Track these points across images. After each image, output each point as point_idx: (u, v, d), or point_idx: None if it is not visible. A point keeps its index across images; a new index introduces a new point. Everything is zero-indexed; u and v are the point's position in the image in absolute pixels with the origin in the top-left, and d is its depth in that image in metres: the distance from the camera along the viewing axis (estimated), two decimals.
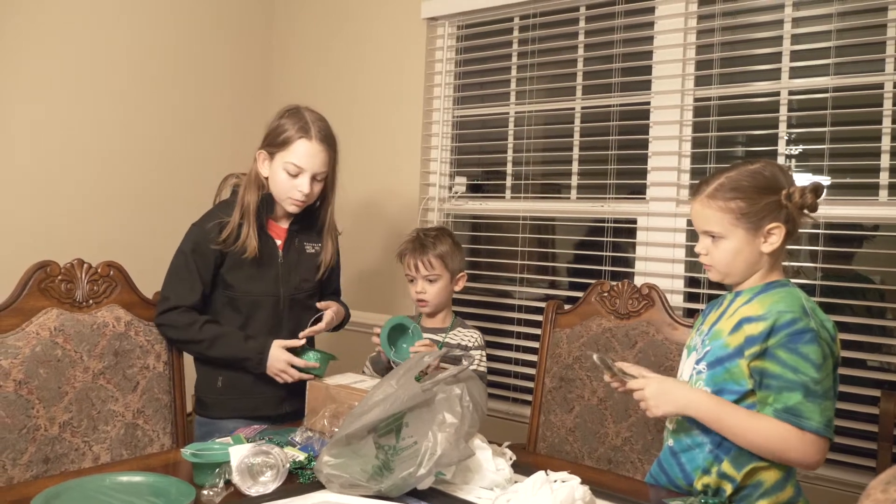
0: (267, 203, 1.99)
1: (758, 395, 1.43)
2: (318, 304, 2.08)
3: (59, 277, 1.80)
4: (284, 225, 2.05)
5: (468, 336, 2.21)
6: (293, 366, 1.93)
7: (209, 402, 2.01)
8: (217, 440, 1.63)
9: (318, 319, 2.05)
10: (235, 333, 1.95)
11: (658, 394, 1.47)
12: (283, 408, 2.01)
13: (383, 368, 2.13)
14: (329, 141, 1.98)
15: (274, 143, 1.95)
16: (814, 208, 1.45)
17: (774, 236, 1.46)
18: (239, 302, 1.98)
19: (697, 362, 1.53)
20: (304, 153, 1.93)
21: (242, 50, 3.36)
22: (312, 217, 2.10)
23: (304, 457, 1.55)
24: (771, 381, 1.40)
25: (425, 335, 2.19)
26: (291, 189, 1.95)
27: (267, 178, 1.98)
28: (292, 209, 1.99)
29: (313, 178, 1.95)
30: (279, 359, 1.92)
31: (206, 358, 1.98)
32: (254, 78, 3.40)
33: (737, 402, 1.45)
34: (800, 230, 1.52)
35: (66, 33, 2.74)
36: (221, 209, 1.99)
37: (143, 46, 2.97)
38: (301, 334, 1.99)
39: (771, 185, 1.45)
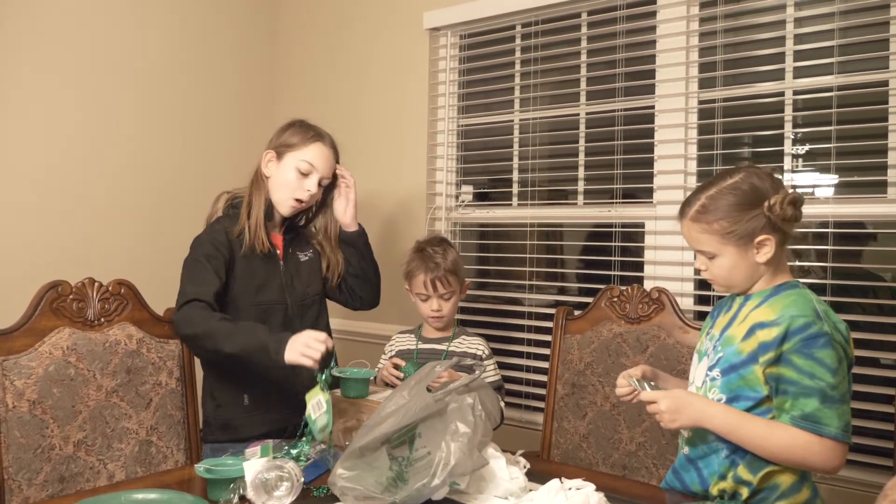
0: (269, 207, 2.03)
1: (774, 402, 1.42)
2: None
3: (71, 297, 1.81)
4: (279, 234, 2.09)
5: (474, 344, 2.21)
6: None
7: (239, 423, 1.97)
8: (230, 455, 1.63)
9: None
10: (249, 326, 1.82)
11: (674, 408, 1.46)
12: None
13: None
14: (336, 150, 2.08)
15: (286, 143, 2.01)
16: (796, 219, 1.44)
17: (766, 247, 1.45)
18: (250, 313, 1.97)
19: (710, 369, 1.52)
20: (320, 154, 2.01)
21: (247, 65, 3.37)
22: (298, 227, 2.15)
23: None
24: (787, 387, 1.39)
25: (429, 345, 2.20)
26: (298, 189, 1.99)
27: (268, 179, 2.02)
28: (289, 212, 2.03)
29: (319, 182, 2.01)
30: (299, 338, 1.71)
31: (218, 355, 1.82)
32: (259, 93, 3.42)
33: (753, 408, 1.44)
34: (802, 230, 1.51)
35: (73, 51, 2.76)
36: (221, 222, 2.01)
37: (151, 63, 2.99)
38: None
39: (751, 200, 1.44)
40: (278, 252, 2.05)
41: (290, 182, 1.99)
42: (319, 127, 2.07)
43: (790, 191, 1.46)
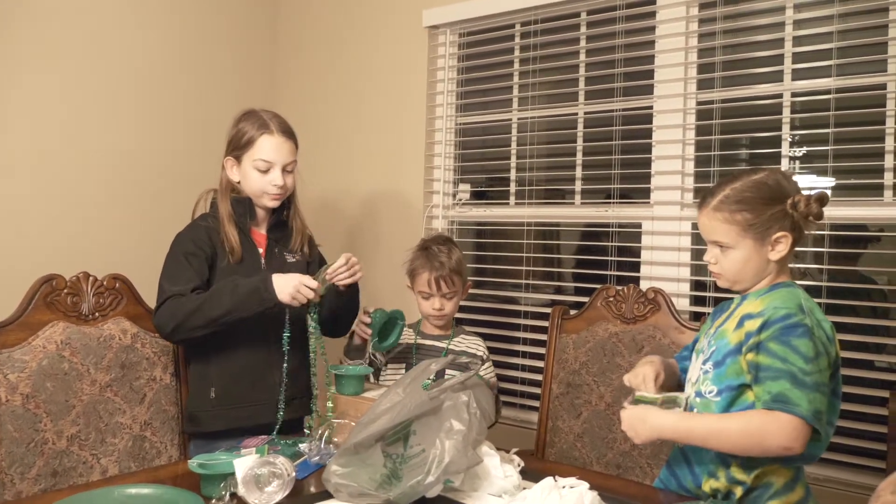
0: (247, 207, 2.02)
1: (754, 390, 1.43)
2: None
3: (65, 291, 1.81)
4: (264, 231, 2.07)
5: (473, 344, 2.21)
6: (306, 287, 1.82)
7: (204, 417, 1.94)
8: (224, 451, 1.63)
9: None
10: (228, 282, 1.86)
11: (628, 427, 1.49)
12: (278, 416, 1.98)
13: (354, 350, 2.15)
14: (289, 133, 2.03)
15: (238, 146, 2.00)
16: (819, 217, 1.46)
17: (782, 244, 1.47)
18: None
19: (704, 362, 1.53)
20: (270, 147, 1.98)
21: (247, 65, 3.36)
22: (285, 226, 2.12)
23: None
24: (762, 374, 1.40)
25: (428, 342, 2.20)
26: (266, 185, 1.99)
27: (239, 183, 2.02)
28: (272, 204, 2.02)
29: (284, 170, 2.00)
30: (288, 280, 1.82)
31: (214, 326, 1.82)
32: (259, 93, 3.41)
33: (737, 397, 1.45)
34: (806, 234, 1.52)
35: (73, 51, 2.75)
36: (203, 220, 2.02)
37: (151, 63, 2.98)
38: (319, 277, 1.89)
39: (775, 195, 1.46)
40: (260, 250, 2.03)
41: (256, 181, 1.99)
42: (264, 112, 2.03)
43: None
